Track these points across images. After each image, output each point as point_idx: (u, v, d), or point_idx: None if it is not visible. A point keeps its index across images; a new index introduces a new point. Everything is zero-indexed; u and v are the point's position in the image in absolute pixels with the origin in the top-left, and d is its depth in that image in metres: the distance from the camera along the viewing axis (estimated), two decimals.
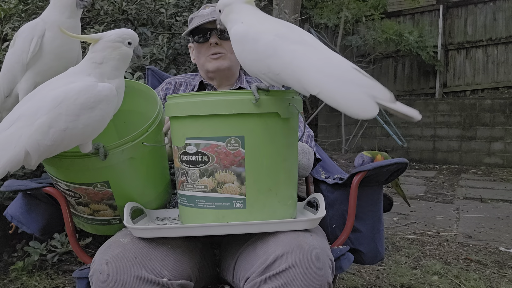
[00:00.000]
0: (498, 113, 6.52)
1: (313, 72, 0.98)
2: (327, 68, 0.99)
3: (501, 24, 7.18)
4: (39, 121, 0.98)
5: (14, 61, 1.24)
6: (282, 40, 1.03)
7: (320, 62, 1.00)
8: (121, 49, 1.10)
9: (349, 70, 0.98)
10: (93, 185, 1.15)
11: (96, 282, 1.03)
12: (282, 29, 1.06)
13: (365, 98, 0.93)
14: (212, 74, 1.58)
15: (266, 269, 1.02)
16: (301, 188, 1.66)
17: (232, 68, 1.59)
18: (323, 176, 1.54)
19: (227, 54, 1.55)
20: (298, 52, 1.01)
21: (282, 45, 1.02)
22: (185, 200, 1.11)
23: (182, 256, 1.13)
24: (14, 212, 1.32)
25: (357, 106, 0.94)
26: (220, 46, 1.54)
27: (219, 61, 1.54)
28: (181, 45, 2.60)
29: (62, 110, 0.99)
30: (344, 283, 2.28)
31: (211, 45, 1.54)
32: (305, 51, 1.01)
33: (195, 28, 1.54)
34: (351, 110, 0.93)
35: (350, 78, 0.97)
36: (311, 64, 0.99)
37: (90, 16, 2.44)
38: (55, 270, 2.25)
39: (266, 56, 1.03)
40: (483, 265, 2.56)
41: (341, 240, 1.27)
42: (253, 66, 1.07)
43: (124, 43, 1.11)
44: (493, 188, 4.95)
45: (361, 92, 0.94)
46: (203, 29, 1.54)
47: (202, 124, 1.05)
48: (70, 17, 1.25)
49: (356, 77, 0.97)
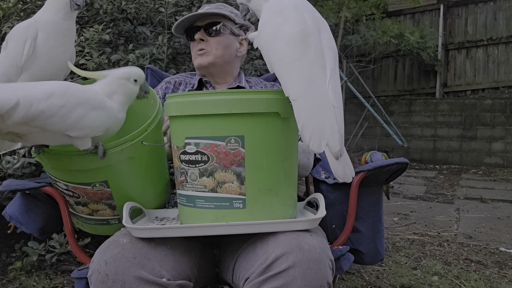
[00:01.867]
0: (499, 113, 6.51)
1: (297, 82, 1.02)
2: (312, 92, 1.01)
3: (501, 24, 7.18)
4: (45, 87, 1.00)
5: (9, 64, 1.21)
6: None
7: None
8: (127, 86, 1.14)
9: (330, 105, 1.01)
10: (92, 184, 1.15)
11: (95, 282, 1.02)
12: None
13: (320, 142, 0.99)
14: (199, 71, 1.61)
15: (266, 269, 1.02)
16: (301, 188, 1.66)
17: (217, 64, 1.56)
18: (323, 176, 1.54)
19: (211, 51, 1.55)
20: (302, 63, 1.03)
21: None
22: (184, 200, 1.10)
23: (181, 256, 1.12)
24: (12, 212, 1.31)
25: (314, 139, 0.99)
26: (205, 43, 1.56)
27: (202, 57, 1.56)
28: (181, 45, 2.59)
29: (69, 91, 1.02)
30: (344, 283, 2.27)
31: (196, 42, 1.56)
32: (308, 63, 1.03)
33: (188, 28, 1.57)
34: (306, 138, 0.99)
35: (326, 111, 1.00)
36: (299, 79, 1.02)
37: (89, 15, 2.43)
38: (54, 270, 2.25)
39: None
40: (484, 265, 2.55)
41: (341, 240, 1.27)
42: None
43: (130, 80, 1.14)
44: (493, 188, 4.94)
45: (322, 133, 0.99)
46: (193, 28, 1.56)
47: (202, 123, 1.04)
48: (64, 19, 1.22)
49: (330, 115, 1.00)
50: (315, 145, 0.98)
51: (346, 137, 7.16)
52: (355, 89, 6.81)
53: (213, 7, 1.58)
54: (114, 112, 1.09)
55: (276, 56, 1.06)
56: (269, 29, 1.09)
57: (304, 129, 0.99)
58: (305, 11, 1.09)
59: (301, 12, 1.08)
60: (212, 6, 1.58)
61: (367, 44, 7.19)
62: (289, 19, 1.07)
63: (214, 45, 1.54)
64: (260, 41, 1.12)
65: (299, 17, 1.07)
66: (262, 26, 1.12)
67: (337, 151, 0.98)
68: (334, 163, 1.00)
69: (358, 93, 6.72)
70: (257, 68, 2.82)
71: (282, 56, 1.05)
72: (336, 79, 1.05)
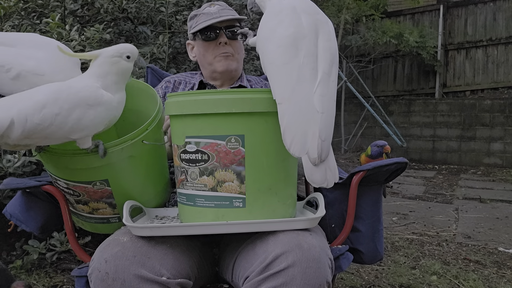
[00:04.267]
0: (498, 113, 6.52)
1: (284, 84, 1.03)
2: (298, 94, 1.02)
3: (501, 25, 7.18)
4: (36, 98, 0.99)
5: None
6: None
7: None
8: (120, 64, 1.11)
9: (314, 110, 1.01)
10: (92, 183, 1.15)
11: (95, 280, 1.03)
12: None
13: (301, 146, 0.99)
14: (218, 75, 1.56)
15: (266, 268, 1.02)
16: (301, 188, 1.66)
17: (238, 70, 1.58)
18: None
19: (235, 55, 1.54)
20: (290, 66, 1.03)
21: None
22: (184, 199, 1.11)
23: (181, 255, 1.13)
24: (13, 210, 1.31)
25: (295, 144, 0.99)
26: (229, 46, 1.53)
27: (229, 61, 1.53)
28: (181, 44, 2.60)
29: (61, 96, 1.00)
30: (343, 282, 2.28)
31: (220, 44, 1.52)
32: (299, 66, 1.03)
33: (202, 28, 1.51)
34: (287, 142, 0.99)
35: (309, 117, 1.00)
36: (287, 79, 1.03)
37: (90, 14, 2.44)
38: (54, 269, 2.25)
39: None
40: (482, 265, 2.56)
41: (341, 239, 1.27)
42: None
43: (123, 57, 1.12)
44: (492, 188, 4.95)
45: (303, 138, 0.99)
46: (211, 27, 1.51)
47: (202, 122, 1.04)
48: None
49: (313, 121, 1.00)
50: (296, 149, 0.99)
51: (345, 137, 7.17)
52: (355, 89, 6.82)
53: (226, 8, 1.56)
54: (112, 103, 1.07)
55: (268, 59, 1.07)
56: (264, 31, 1.11)
57: (285, 133, 0.99)
58: (303, 12, 1.09)
59: (298, 13, 1.08)
60: (223, 7, 1.55)
61: (366, 44, 7.19)
62: (283, 21, 1.07)
63: (236, 49, 1.53)
64: (258, 43, 1.14)
65: (295, 19, 1.07)
66: (260, 28, 1.13)
67: (315, 157, 0.99)
68: (309, 169, 1.00)
69: (357, 93, 6.72)
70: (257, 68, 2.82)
71: (273, 59, 1.05)
72: (328, 83, 1.05)
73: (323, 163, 1.01)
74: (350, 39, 7.16)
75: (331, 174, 1.02)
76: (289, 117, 1.00)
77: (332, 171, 1.02)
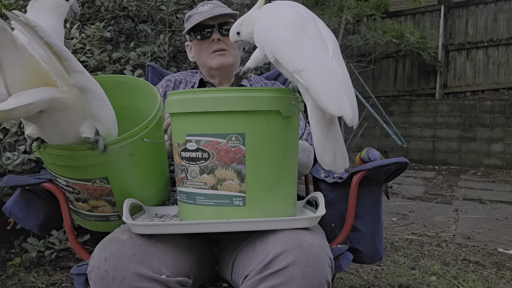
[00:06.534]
0: (498, 114, 6.51)
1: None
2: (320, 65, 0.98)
3: (502, 25, 7.18)
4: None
5: None
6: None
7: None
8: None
9: (337, 75, 0.98)
10: (92, 181, 1.15)
11: (94, 278, 1.03)
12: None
13: (339, 104, 0.94)
14: (215, 72, 1.57)
15: (265, 267, 1.02)
16: (301, 187, 1.66)
17: (235, 65, 1.58)
18: (323, 175, 1.54)
19: (230, 50, 1.54)
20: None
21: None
22: (184, 197, 1.11)
23: (181, 253, 1.13)
24: (12, 207, 1.31)
25: (332, 102, 0.94)
26: (222, 42, 1.54)
27: (223, 57, 1.54)
28: (182, 43, 2.59)
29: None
30: (342, 282, 2.28)
31: (213, 42, 1.53)
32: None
33: (195, 26, 1.53)
34: (324, 100, 0.93)
35: (335, 80, 0.97)
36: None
37: (90, 12, 2.43)
38: (53, 267, 2.25)
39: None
40: (482, 266, 2.56)
41: (340, 239, 1.27)
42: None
43: None
44: (492, 189, 4.95)
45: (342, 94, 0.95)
46: (203, 26, 1.53)
47: (203, 120, 1.04)
48: (61, 24, 1.25)
49: (340, 83, 0.97)
50: (335, 108, 0.93)
51: (345, 137, 7.17)
52: (355, 89, 6.79)
53: (219, 5, 1.57)
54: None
55: (276, 40, 1.03)
56: (265, 22, 1.08)
57: (319, 94, 0.94)
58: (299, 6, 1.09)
59: (294, 6, 1.08)
60: (216, 5, 1.57)
61: (367, 44, 7.19)
62: (283, 11, 1.06)
63: (230, 45, 1.52)
64: (259, 37, 1.10)
65: (293, 8, 1.07)
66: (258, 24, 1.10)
67: (351, 117, 0.93)
68: (321, 147, 0.97)
69: (358, 93, 6.72)
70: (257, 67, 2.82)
71: (282, 35, 1.02)
72: (340, 57, 1.02)
73: (334, 146, 0.98)
74: (351, 39, 7.16)
75: (341, 160, 1.00)
76: (318, 79, 0.96)
77: (343, 157, 1.00)
